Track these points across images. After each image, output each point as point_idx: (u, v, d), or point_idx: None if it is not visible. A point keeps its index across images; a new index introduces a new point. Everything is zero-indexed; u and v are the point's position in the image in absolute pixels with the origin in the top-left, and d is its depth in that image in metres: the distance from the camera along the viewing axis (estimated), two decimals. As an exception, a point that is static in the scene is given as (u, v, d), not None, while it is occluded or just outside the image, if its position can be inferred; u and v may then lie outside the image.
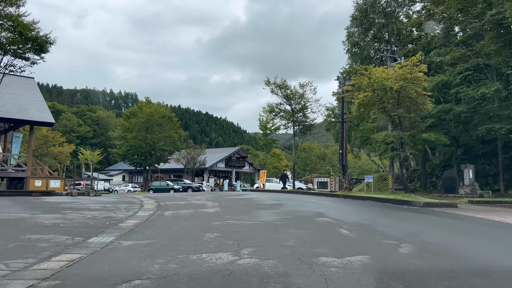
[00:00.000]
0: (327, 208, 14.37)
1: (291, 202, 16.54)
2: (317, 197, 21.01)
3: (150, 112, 43.84)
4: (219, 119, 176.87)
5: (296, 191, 26.71)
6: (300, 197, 21.59)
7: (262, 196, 20.86)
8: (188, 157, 55.84)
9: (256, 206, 14.27)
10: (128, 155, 44.82)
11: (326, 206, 15.07)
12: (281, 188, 27.22)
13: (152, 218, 10.77)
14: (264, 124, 30.34)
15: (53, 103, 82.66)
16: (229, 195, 22.62)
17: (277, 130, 30.68)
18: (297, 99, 26.16)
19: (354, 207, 14.75)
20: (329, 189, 45.81)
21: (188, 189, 44.76)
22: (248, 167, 76.09)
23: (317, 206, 14.84)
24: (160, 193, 35.25)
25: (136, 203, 15.68)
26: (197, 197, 19.33)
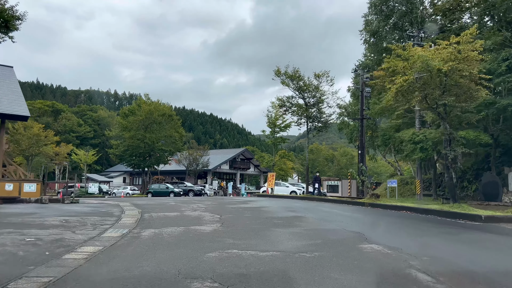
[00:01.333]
0: (362, 224, 10.85)
1: (311, 213, 13.03)
2: (338, 206, 17.47)
3: (149, 109, 40.52)
4: (223, 121, 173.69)
5: (309, 196, 23.17)
6: (318, 205, 18.05)
7: (273, 204, 17.36)
8: (190, 158, 52.41)
9: (268, 220, 10.79)
10: (126, 156, 41.51)
11: (358, 221, 11.55)
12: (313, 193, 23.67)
13: (121, 243, 7.33)
14: (272, 121, 26.79)
15: (53, 102, 79.73)
16: (233, 202, 19.14)
17: (288, 128, 27.32)
18: (311, 91, 22.68)
19: (398, 224, 11.21)
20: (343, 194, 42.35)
21: (190, 192, 41.33)
22: (253, 169, 72.58)
23: (347, 220, 11.34)
24: (157, 197, 31.86)
25: (114, 214, 12.25)
26: (195, 206, 15.88)
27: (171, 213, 12.54)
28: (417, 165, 23.69)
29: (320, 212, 13.94)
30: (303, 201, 20.45)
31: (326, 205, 17.80)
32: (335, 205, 17.84)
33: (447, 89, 13.30)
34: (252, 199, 23.17)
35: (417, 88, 13.57)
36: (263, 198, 24.56)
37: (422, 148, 21.66)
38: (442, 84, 13.15)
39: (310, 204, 18.05)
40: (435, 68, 12.41)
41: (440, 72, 12.49)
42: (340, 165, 71.11)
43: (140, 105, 42.11)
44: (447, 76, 12.80)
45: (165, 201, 19.64)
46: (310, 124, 23.78)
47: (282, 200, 21.13)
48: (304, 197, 22.81)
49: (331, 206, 17.41)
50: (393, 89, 13.95)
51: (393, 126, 25.83)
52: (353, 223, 10.80)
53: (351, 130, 37.12)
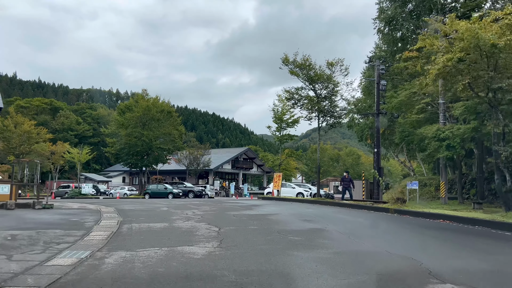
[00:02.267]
0: (405, 242, 8.23)
1: (332, 224, 10.41)
2: (359, 213, 14.84)
3: (146, 105, 37.97)
4: (226, 120, 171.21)
5: (321, 200, 20.51)
6: (334, 211, 15.43)
7: (282, 210, 14.74)
8: (190, 158, 49.82)
9: (281, 236, 8.17)
10: (122, 155, 38.98)
11: (398, 237, 8.94)
12: (342, 198, 20.51)
13: (63, 283, 4.76)
14: (279, 115, 24.14)
15: (51, 100, 77.32)
16: (235, 206, 16.55)
17: (296, 124, 24.66)
18: (323, 82, 20.00)
19: (453, 242, 8.56)
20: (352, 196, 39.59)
21: (189, 193, 38.77)
22: (256, 169, 69.99)
23: (383, 235, 8.76)
24: (152, 200, 29.32)
25: (84, 225, 9.67)
26: (190, 212, 13.29)
27: (157, 224, 9.95)
28: (441, 165, 21.06)
29: (341, 222, 11.32)
30: (315, 206, 17.83)
31: (344, 211, 15.17)
32: (354, 212, 15.21)
33: (502, 70, 10.67)
34: (256, 202, 20.56)
35: (463, 69, 10.95)
36: (269, 201, 21.95)
37: (449, 145, 19.06)
38: (495, 63, 10.52)
39: (324, 210, 15.41)
40: (488, 43, 9.81)
41: (495, 48, 9.89)
42: (346, 165, 68.42)
43: (137, 101, 39.54)
44: (502, 53, 10.19)
45: (158, 205, 17.04)
46: (321, 119, 21.12)
47: (291, 205, 18.51)
48: (315, 201, 20.18)
49: (350, 212, 14.78)
50: (433, 71, 11.32)
51: (411, 122, 23.20)
52: (393, 241, 8.19)
53: (362, 128, 34.49)
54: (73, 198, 35.44)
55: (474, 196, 23.31)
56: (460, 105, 18.86)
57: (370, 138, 33.12)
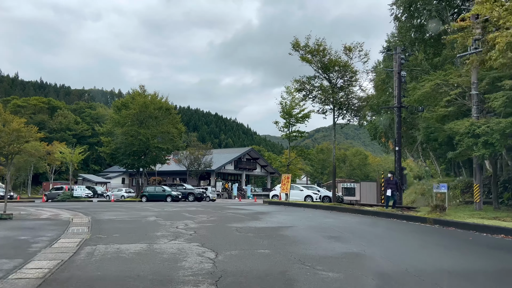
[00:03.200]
0: (494, 283, 5.44)
1: (371, 245, 7.62)
2: (390, 224, 12.06)
3: (143, 102, 35.29)
4: (228, 120, 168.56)
5: (337, 206, 17.66)
6: (359, 221, 12.64)
7: (296, 220, 11.95)
8: (191, 158, 47.08)
9: (307, 270, 5.37)
10: (118, 155, 36.30)
11: (476, 273, 6.13)
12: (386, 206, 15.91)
13: None
14: (287, 109, 21.17)
15: (49, 99, 74.79)
16: (238, 215, 13.78)
17: (307, 119, 21.65)
18: (339, 70, 17.17)
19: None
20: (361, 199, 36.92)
21: (189, 196, 36.03)
22: (260, 170, 67.20)
23: (449, 266, 5.96)
24: (149, 204, 26.61)
25: (26, 251, 6.90)
26: (182, 224, 10.53)
27: (132, 246, 7.19)
28: (475, 165, 18.19)
29: (379, 240, 8.53)
30: (333, 214, 15.03)
31: (372, 222, 12.36)
32: (384, 222, 12.40)
33: None
34: (263, 208, 17.76)
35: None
36: (277, 207, 19.15)
37: (486, 142, 16.21)
38: None
39: (347, 221, 12.61)
40: None
41: None
42: (353, 165, 65.56)
43: (134, 97, 36.83)
44: None
45: (146, 213, 14.26)
46: (337, 112, 18.28)
47: (303, 212, 15.72)
48: (331, 207, 17.35)
49: (380, 224, 11.97)
50: (502, 41, 8.54)
51: (436, 117, 20.33)
52: (473, 280, 5.40)
53: (375, 125, 31.66)
54: (64, 201, 32.77)
55: (508, 200, 20.46)
56: (500, 95, 16.05)
57: (384, 136, 30.29)
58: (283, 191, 21.27)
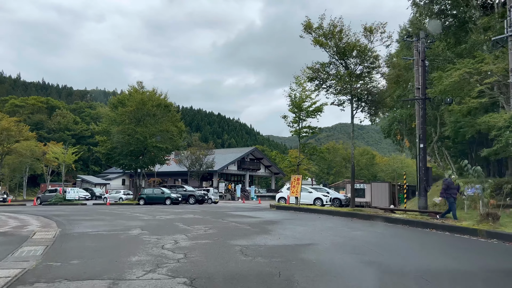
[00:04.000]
0: None
1: (435, 282, 5.14)
2: (439, 240, 9.58)
3: (141, 98, 32.92)
4: (231, 120, 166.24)
5: (358, 212, 15.15)
6: (394, 235, 10.18)
7: (316, 234, 9.47)
8: (192, 158, 44.67)
9: None
10: (114, 155, 33.92)
11: None
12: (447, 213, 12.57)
13: None
14: (297, 102, 18.51)
15: (47, 98, 72.59)
16: (244, 228, 11.28)
17: (319, 113, 18.89)
18: (359, 55, 14.67)
19: None
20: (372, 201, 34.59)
21: (190, 198, 33.63)
22: (264, 170, 64.75)
23: None
24: (148, 206, 24.25)
25: None
26: (170, 242, 8.07)
27: (88, 284, 4.76)
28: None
29: (438, 270, 6.05)
30: (355, 222, 12.56)
31: (408, 235, 9.88)
32: (424, 235, 9.92)
33: None
34: (271, 216, 15.28)
35: None
36: (287, 213, 16.67)
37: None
38: None
39: (377, 232, 10.14)
40: None
41: None
42: (360, 165, 62.90)
43: (131, 94, 34.47)
44: None
45: (131, 223, 11.79)
46: (355, 104, 15.77)
47: (320, 220, 13.24)
48: (351, 213, 14.84)
49: (419, 237, 9.50)
50: None
51: (467, 110, 17.85)
52: None
53: (389, 122, 29.13)
54: (56, 204, 30.44)
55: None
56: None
57: (400, 133, 27.77)
58: (293, 194, 18.78)
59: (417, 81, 19.57)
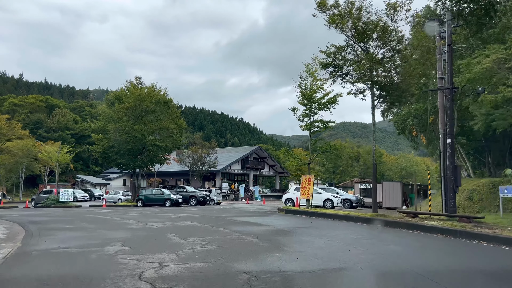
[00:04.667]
0: None
1: None
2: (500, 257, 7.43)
3: (138, 94, 30.91)
4: (234, 120, 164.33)
5: (381, 217, 13.02)
6: (437, 249, 8.07)
7: (342, 252, 7.33)
8: (194, 157, 42.62)
9: None
10: (111, 154, 31.94)
11: None
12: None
13: None
14: (308, 93, 16.30)
15: (47, 97, 70.73)
16: (250, 240, 9.15)
17: (333, 105, 16.63)
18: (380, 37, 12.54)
19: None
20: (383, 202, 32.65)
21: (191, 199, 31.62)
22: (268, 170, 62.66)
23: None
24: (147, 209, 22.22)
25: None
26: (155, 264, 5.99)
27: None
28: None
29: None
30: (384, 232, 10.47)
31: (459, 253, 7.77)
32: (478, 251, 7.80)
33: None
34: (281, 222, 13.19)
35: None
36: (299, 218, 14.57)
37: None
38: None
39: (416, 246, 8.05)
40: None
41: None
42: (367, 164, 60.67)
43: (129, 90, 32.46)
44: None
45: (114, 234, 9.71)
46: (377, 93, 13.64)
47: (340, 229, 11.13)
48: (372, 219, 12.76)
49: (471, 252, 7.39)
50: None
51: (500, 100, 15.68)
52: None
53: (404, 117, 26.96)
54: (49, 207, 28.49)
55: None
56: None
57: (415, 129, 25.61)
58: (304, 196, 16.66)
59: (439, 70, 17.43)
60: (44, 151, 33.52)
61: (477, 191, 20.62)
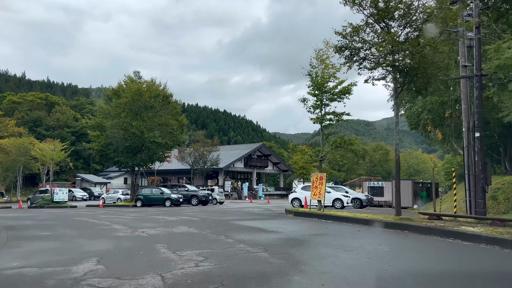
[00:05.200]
0: None
1: None
2: None
3: (137, 89, 29.26)
4: (237, 117, 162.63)
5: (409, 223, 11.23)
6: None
7: (377, 271, 5.62)
8: (195, 155, 40.97)
9: None
10: (108, 152, 30.32)
11: None
12: None
13: None
14: (319, 83, 14.51)
15: (46, 95, 69.20)
16: (256, 260, 7.43)
17: (347, 95, 14.76)
18: (404, 15, 10.76)
19: None
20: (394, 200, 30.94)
21: (192, 199, 30.01)
22: (272, 168, 60.96)
23: None
24: (144, 209, 20.58)
25: None
26: None
27: None
28: None
29: None
30: (416, 240, 8.77)
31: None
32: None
33: None
34: (292, 228, 11.47)
35: None
36: (311, 222, 12.85)
37: None
38: None
39: (462, 263, 6.32)
40: None
41: None
42: (373, 161, 58.89)
43: (127, 84, 30.79)
44: None
45: (93, 245, 8.02)
46: (401, 80, 11.84)
47: (364, 236, 9.40)
48: (396, 224, 11.02)
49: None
50: None
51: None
52: None
53: (417, 111, 25.17)
54: (43, 207, 26.94)
55: None
56: None
57: (431, 124, 23.85)
58: (315, 196, 14.87)
59: (462, 57, 15.68)
60: (38, 149, 31.89)
61: (501, 189, 18.85)
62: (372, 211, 22.36)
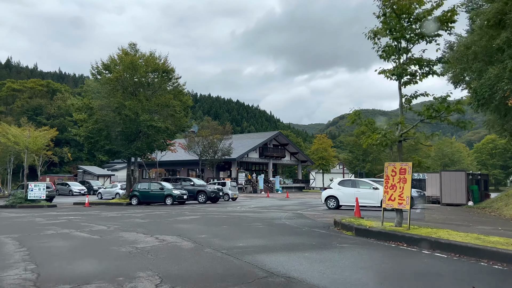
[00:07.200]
0: None
1: None
2: None
3: (130, 61, 23.39)
4: (250, 108, 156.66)
5: None
6: None
7: None
8: (204, 143, 35.16)
9: None
10: (97, 139, 24.52)
11: None
12: None
13: None
14: (401, 5, 8.45)
15: (48, 81, 64.21)
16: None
17: (449, 22, 9.11)
18: None
19: None
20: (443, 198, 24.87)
21: (200, 194, 24.31)
22: (290, 158, 54.94)
23: None
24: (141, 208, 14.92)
25: None
26: None
27: None
28: None
29: None
30: None
31: None
32: None
33: None
34: (370, 276, 5.55)
35: None
36: (399, 256, 6.78)
37: None
38: None
39: None
40: None
41: None
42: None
43: (121, 58, 25.03)
44: None
45: None
46: None
47: None
48: None
49: None
50: None
51: None
52: None
53: (490, 82, 18.74)
54: (14, 207, 21.58)
55: None
56: None
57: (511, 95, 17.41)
58: (391, 201, 8.45)
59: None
60: (11, 136, 26.37)
61: None
62: (435, 212, 16.21)
